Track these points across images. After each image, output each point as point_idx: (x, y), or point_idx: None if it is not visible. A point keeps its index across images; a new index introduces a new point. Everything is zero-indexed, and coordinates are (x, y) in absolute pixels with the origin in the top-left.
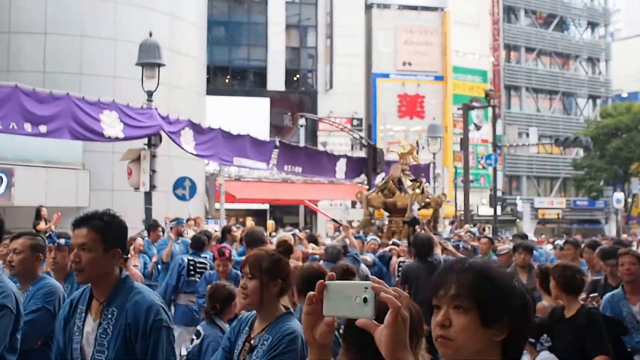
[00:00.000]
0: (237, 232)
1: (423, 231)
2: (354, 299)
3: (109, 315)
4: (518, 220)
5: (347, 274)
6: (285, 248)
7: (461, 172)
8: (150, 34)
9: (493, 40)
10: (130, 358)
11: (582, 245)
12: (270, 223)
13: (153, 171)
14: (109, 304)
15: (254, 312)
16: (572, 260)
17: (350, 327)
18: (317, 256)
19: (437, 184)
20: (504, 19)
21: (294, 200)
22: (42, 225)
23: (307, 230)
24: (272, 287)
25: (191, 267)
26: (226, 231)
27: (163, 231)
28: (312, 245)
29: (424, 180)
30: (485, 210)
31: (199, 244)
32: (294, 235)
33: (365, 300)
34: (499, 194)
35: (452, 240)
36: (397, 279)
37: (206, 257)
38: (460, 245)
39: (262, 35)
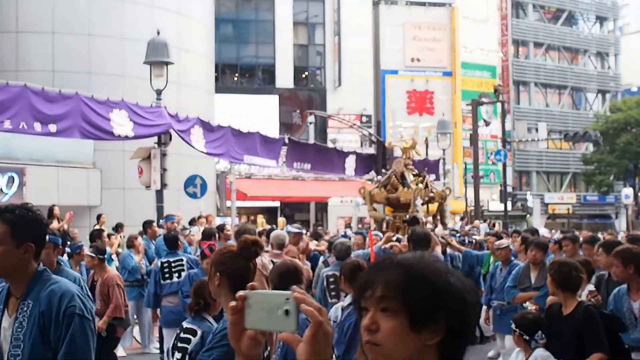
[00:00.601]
0: (231, 231)
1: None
2: (276, 310)
3: (25, 308)
4: (528, 215)
5: (357, 270)
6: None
7: (471, 168)
8: (158, 33)
9: (501, 35)
10: (46, 349)
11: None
12: (281, 220)
13: (164, 169)
14: (24, 298)
15: None
16: (571, 256)
17: None
18: (319, 252)
19: (447, 180)
20: (512, 14)
21: (304, 197)
22: (54, 224)
23: (319, 228)
24: None
25: (166, 270)
26: (219, 230)
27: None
28: (314, 242)
29: (427, 174)
30: (496, 206)
31: (172, 243)
32: (299, 232)
33: (287, 312)
34: (509, 189)
35: (458, 235)
36: None
37: (183, 257)
38: (466, 240)
39: (269, 32)
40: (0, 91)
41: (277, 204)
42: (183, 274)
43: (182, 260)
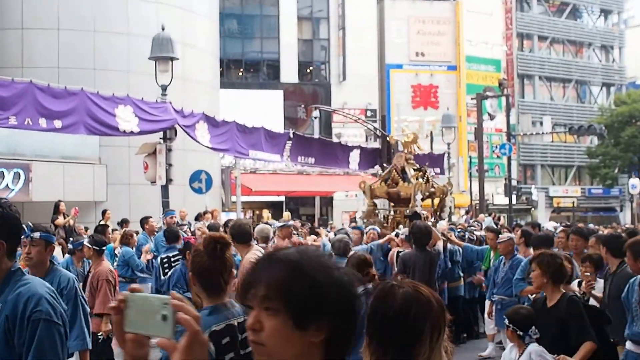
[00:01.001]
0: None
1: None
2: (154, 315)
3: None
4: (533, 209)
5: (364, 265)
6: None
7: (476, 162)
8: (163, 28)
9: (506, 29)
10: (11, 353)
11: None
12: (286, 215)
13: (169, 165)
14: None
15: None
16: (563, 247)
17: (372, 320)
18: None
19: (452, 174)
20: (517, 8)
21: (309, 192)
22: (60, 220)
23: (323, 221)
24: None
25: (165, 265)
26: (225, 225)
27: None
28: (312, 237)
29: (431, 168)
30: (501, 200)
31: (172, 237)
32: (287, 225)
33: (164, 317)
34: (513, 183)
35: (459, 230)
36: (395, 270)
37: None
38: (466, 236)
39: (274, 27)
40: (6, 88)
41: (282, 198)
42: None
43: (179, 255)
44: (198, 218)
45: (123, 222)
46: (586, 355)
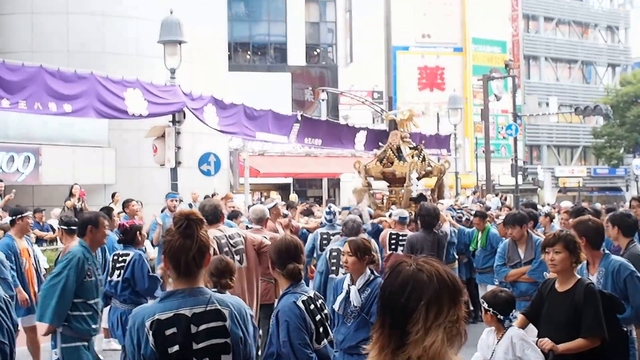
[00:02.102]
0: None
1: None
2: None
3: None
4: (539, 189)
5: (364, 250)
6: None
7: (482, 143)
8: (171, 12)
9: (512, 10)
10: None
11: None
12: (293, 196)
13: (178, 147)
14: None
15: None
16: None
17: (380, 297)
18: (307, 230)
19: (458, 155)
20: None
21: (316, 174)
22: (69, 202)
23: (306, 203)
24: None
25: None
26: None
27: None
28: (306, 219)
29: (424, 147)
30: (507, 180)
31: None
32: (274, 205)
33: None
34: (519, 163)
35: (458, 210)
36: (388, 251)
37: None
38: (463, 217)
39: (281, 10)
40: (16, 72)
41: (289, 180)
42: None
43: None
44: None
45: (125, 203)
46: (578, 348)
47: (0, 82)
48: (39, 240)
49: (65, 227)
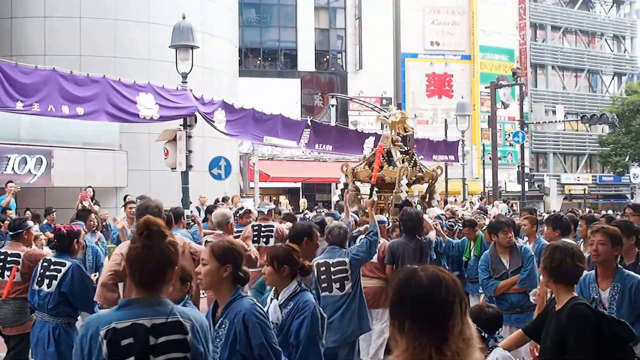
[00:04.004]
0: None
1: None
2: None
3: None
4: (545, 196)
5: (280, 260)
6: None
7: (489, 150)
8: (184, 17)
9: (519, 19)
10: None
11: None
12: (303, 201)
13: (189, 151)
14: None
15: None
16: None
17: (401, 304)
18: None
19: (466, 161)
20: None
21: (325, 179)
22: (79, 204)
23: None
24: None
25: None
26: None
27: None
28: (288, 224)
29: (415, 152)
30: (513, 187)
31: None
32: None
33: None
34: (526, 170)
35: (448, 221)
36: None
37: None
38: (455, 227)
39: (292, 17)
40: (29, 75)
41: (299, 185)
42: None
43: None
44: (216, 204)
45: (127, 204)
46: None
47: (14, 84)
48: (51, 242)
49: (12, 232)
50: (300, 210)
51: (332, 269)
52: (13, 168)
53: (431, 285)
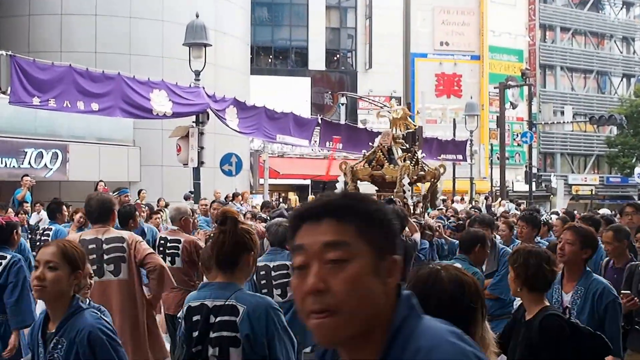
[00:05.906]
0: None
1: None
2: None
3: None
4: (552, 196)
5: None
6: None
7: (497, 150)
8: (197, 16)
9: (529, 20)
10: None
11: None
12: (311, 198)
13: (201, 147)
14: None
15: None
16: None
17: (423, 306)
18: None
19: (474, 161)
20: None
21: (334, 176)
22: None
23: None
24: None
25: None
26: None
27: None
28: (262, 224)
29: (417, 149)
30: (521, 187)
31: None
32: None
33: None
34: (533, 170)
35: (450, 222)
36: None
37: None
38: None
39: (303, 16)
40: (46, 71)
41: (308, 182)
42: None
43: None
44: (227, 199)
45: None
46: None
47: (31, 80)
48: None
49: None
50: None
51: (273, 274)
52: (30, 162)
53: (455, 290)
